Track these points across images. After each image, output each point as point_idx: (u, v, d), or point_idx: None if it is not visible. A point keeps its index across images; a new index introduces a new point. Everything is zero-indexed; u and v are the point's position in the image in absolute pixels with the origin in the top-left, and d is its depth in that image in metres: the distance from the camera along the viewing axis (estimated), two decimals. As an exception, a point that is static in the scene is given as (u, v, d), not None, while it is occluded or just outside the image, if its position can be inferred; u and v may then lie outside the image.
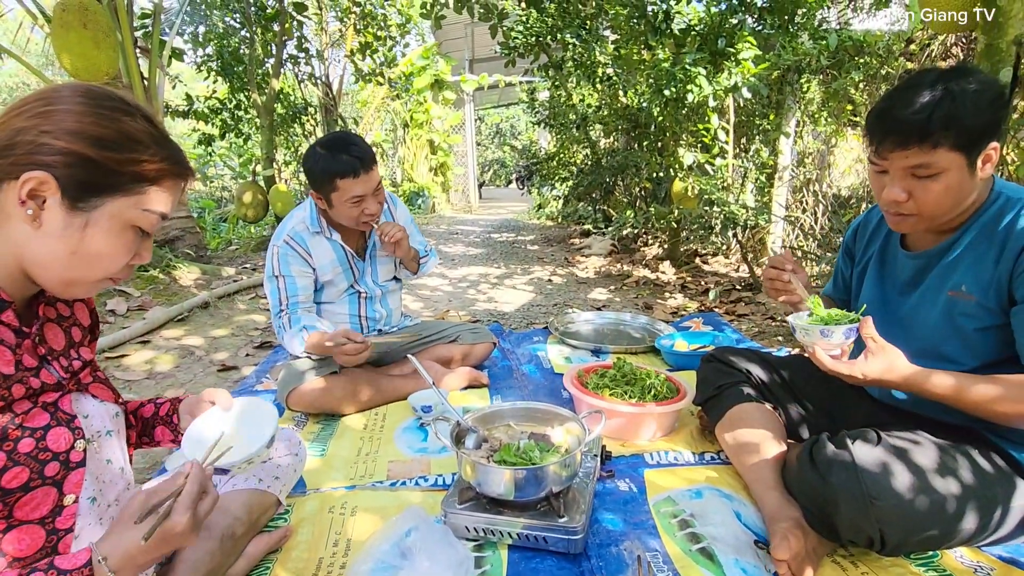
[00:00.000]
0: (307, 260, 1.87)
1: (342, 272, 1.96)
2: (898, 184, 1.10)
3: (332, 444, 1.69)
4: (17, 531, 0.75)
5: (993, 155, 1.07)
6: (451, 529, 1.22)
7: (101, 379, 0.92)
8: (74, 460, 0.80)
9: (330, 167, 1.71)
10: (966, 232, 1.15)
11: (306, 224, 1.88)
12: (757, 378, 1.54)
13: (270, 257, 1.87)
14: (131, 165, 0.75)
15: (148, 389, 2.14)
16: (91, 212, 0.73)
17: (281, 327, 1.85)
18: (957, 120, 1.01)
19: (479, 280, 4.43)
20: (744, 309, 3.35)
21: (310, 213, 1.89)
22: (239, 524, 1.11)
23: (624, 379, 1.78)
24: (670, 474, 1.50)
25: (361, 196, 1.75)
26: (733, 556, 1.16)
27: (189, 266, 3.83)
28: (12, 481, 0.73)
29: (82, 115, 0.73)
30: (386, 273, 2.11)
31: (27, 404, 0.77)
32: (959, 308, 1.14)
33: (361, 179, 1.73)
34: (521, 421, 1.44)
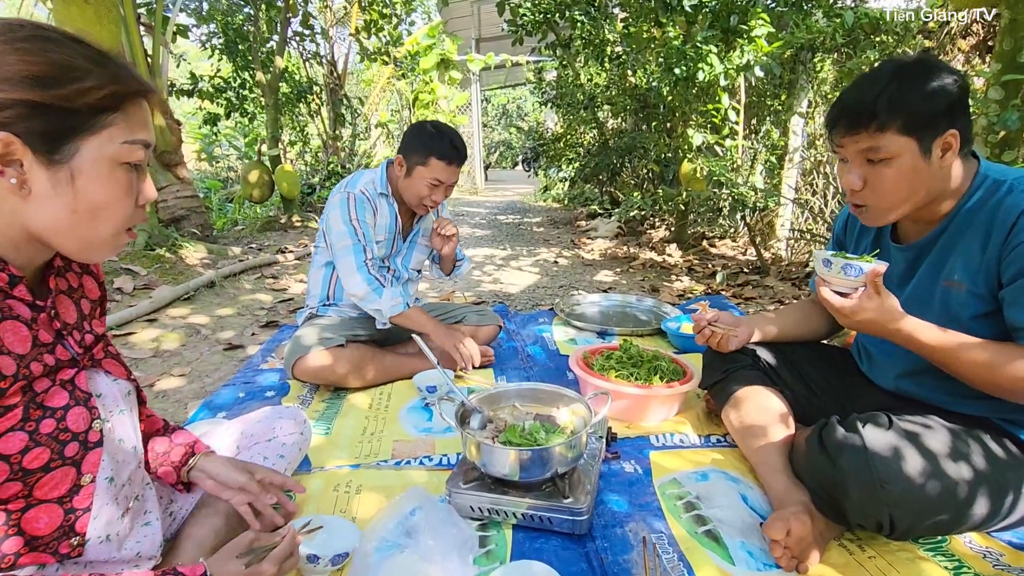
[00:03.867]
0: (374, 212, 1.93)
1: (386, 240, 1.99)
2: (854, 171, 1.13)
3: (337, 423, 1.69)
4: (36, 510, 0.75)
5: (953, 142, 1.07)
6: (455, 509, 1.22)
7: (113, 354, 0.91)
8: (92, 440, 0.79)
9: (433, 144, 1.82)
10: (953, 220, 1.15)
11: (376, 185, 1.95)
12: (764, 361, 1.52)
13: (344, 204, 1.87)
14: (81, 97, 0.68)
15: (154, 367, 2.14)
16: (71, 162, 0.69)
17: (372, 278, 1.84)
18: (904, 104, 1.04)
19: (485, 262, 4.41)
20: (751, 292, 3.32)
21: (380, 176, 1.96)
22: (244, 501, 1.11)
23: (630, 361, 1.77)
24: (676, 456, 1.50)
25: (439, 183, 1.85)
26: (739, 539, 1.15)
27: (195, 245, 3.82)
28: (34, 462, 0.72)
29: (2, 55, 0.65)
30: (417, 262, 2.14)
31: (46, 383, 0.75)
32: (954, 298, 1.14)
33: (450, 168, 1.85)
34: (526, 402, 1.43)
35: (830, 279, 1.13)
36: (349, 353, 1.84)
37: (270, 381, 1.99)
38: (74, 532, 0.79)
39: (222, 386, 1.96)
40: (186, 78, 6.02)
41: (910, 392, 1.27)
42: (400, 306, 1.86)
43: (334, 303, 2.02)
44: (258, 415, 1.29)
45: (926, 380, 1.24)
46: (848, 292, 1.12)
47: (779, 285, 3.46)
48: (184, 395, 1.93)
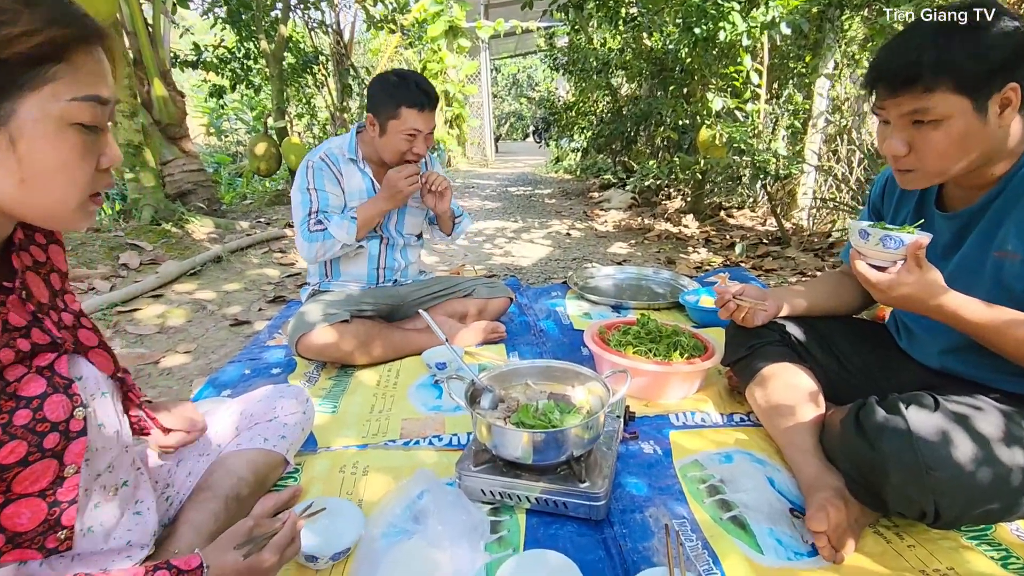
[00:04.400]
0: (338, 181, 1.84)
1: None
2: (897, 135, 1.03)
3: (344, 401, 1.64)
4: (16, 505, 0.69)
5: (1013, 97, 0.95)
6: (465, 492, 1.16)
7: (101, 343, 0.84)
8: (74, 429, 0.73)
9: (399, 94, 1.71)
10: (1008, 184, 1.03)
11: (343, 150, 1.87)
12: (792, 336, 1.43)
13: (302, 172, 1.82)
14: (9, 47, 0.57)
15: (160, 343, 2.10)
16: (7, 126, 0.60)
17: (313, 233, 1.77)
18: (951, 60, 0.93)
19: (495, 234, 4.31)
20: (772, 264, 3.20)
21: (349, 141, 1.88)
22: (244, 485, 1.06)
23: (648, 336, 1.69)
24: (697, 436, 1.42)
25: (416, 132, 1.75)
26: (767, 525, 1.08)
27: (202, 220, 3.77)
28: (9, 456, 0.66)
29: None
30: (412, 226, 2.03)
31: (20, 369, 0.69)
32: (1007, 269, 1.03)
33: (424, 115, 1.74)
34: (540, 380, 1.36)
35: (867, 252, 1.04)
36: (354, 329, 1.78)
37: (276, 358, 1.94)
38: (60, 526, 0.73)
39: (228, 363, 1.91)
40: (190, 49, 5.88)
41: (955, 370, 1.18)
42: (352, 226, 1.79)
43: (333, 278, 1.96)
44: (258, 394, 1.24)
45: (971, 357, 1.14)
46: (886, 265, 1.03)
47: (801, 256, 3.33)
48: (189, 372, 1.89)
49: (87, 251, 2.86)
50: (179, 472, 1.06)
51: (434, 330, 1.30)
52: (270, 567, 0.81)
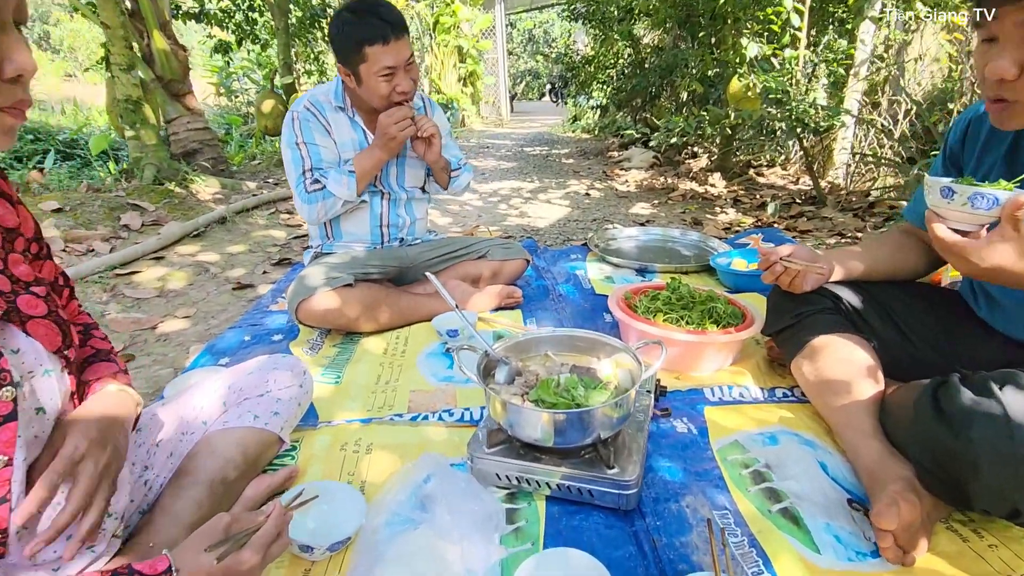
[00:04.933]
0: (327, 131, 1.68)
1: None
2: (1008, 53, 0.83)
3: (348, 370, 1.52)
4: None
5: None
6: (478, 476, 1.04)
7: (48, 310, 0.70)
8: (1, 413, 0.61)
9: (358, 33, 1.52)
10: None
11: (329, 98, 1.70)
12: (847, 304, 1.26)
13: (288, 125, 1.68)
14: None
15: (158, 307, 2.00)
16: None
17: (311, 193, 1.64)
18: None
19: (511, 195, 4.13)
20: (806, 225, 2.99)
21: (335, 88, 1.70)
22: (231, 467, 0.95)
23: (680, 302, 1.53)
24: (736, 413, 1.28)
25: (392, 68, 1.55)
26: (823, 519, 0.95)
27: (207, 180, 3.64)
28: None
29: None
30: (413, 178, 1.86)
31: None
32: None
33: (392, 47, 1.53)
34: (562, 351, 1.22)
35: (949, 213, 0.86)
36: (359, 294, 1.64)
37: (278, 323, 1.83)
38: None
39: (227, 329, 1.80)
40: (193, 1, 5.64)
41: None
42: (351, 180, 1.64)
43: (335, 239, 1.82)
44: (250, 365, 1.12)
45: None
46: (971, 229, 0.86)
47: (838, 216, 3.11)
48: (187, 338, 1.79)
49: (86, 211, 2.75)
50: (159, 453, 0.95)
51: (442, 294, 1.15)
52: (251, 568, 0.70)
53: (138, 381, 1.50)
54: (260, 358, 1.15)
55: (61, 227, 2.51)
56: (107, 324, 1.82)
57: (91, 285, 2.12)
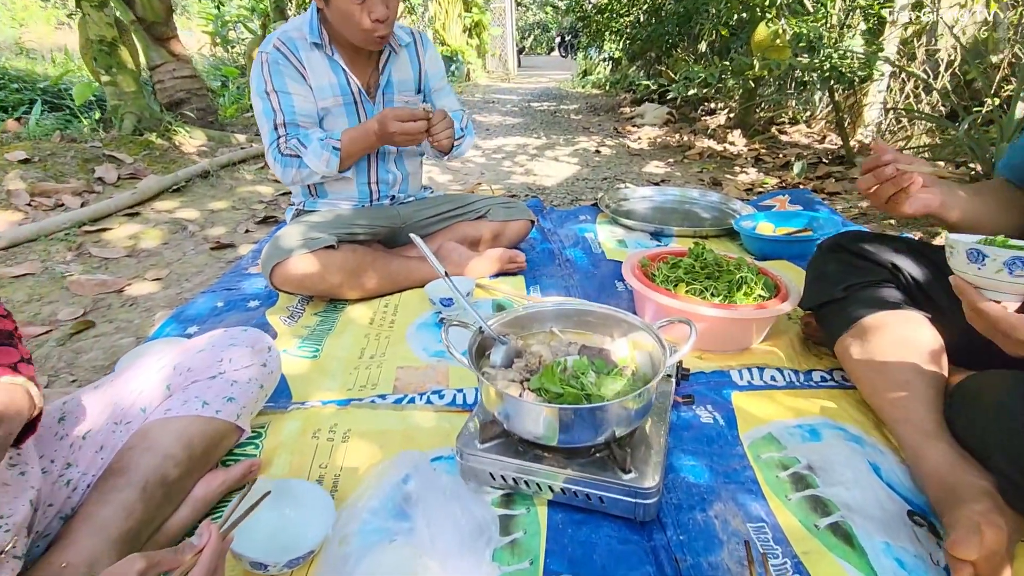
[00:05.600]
0: (302, 74, 1.46)
1: (343, 108, 1.52)
2: None
3: (328, 343, 1.36)
4: None
5: None
6: (469, 476, 0.89)
7: None
8: None
9: None
10: None
11: (303, 32, 1.46)
12: (908, 275, 1.08)
13: (256, 70, 1.46)
14: None
15: (128, 268, 1.83)
16: None
17: (286, 157, 1.45)
18: None
19: (516, 151, 3.88)
20: (835, 186, 2.76)
21: (310, 20, 1.46)
22: (171, 464, 0.80)
23: (704, 271, 1.34)
24: (767, 400, 1.11)
25: None
26: (881, 538, 0.79)
27: (193, 131, 3.41)
28: None
29: None
30: None
31: None
32: None
33: None
34: (569, 327, 1.04)
35: (981, 282, 0.70)
36: (342, 257, 1.46)
37: (256, 288, 1.66)
38: None
39: (200, 293, 1.64)
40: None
41: None
42: (333, 158, 1.44)
43: (319, 197, 1.62)
44: (200, 341, 0.95)
45: None
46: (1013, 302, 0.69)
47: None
48: (156, 303, 1.62)
49: (58, 162, 2.55)
50: (85, 447, 0.79)
51: (428, 258, 0.97)
52: None
53: (94, 352, 1.35)
54: (214, 332, 0.98)
55: (28, 179, 2.32)
56: (67, 287, 1.65)
57: (55, 243, 1.94)
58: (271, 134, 1.46)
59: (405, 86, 1.59)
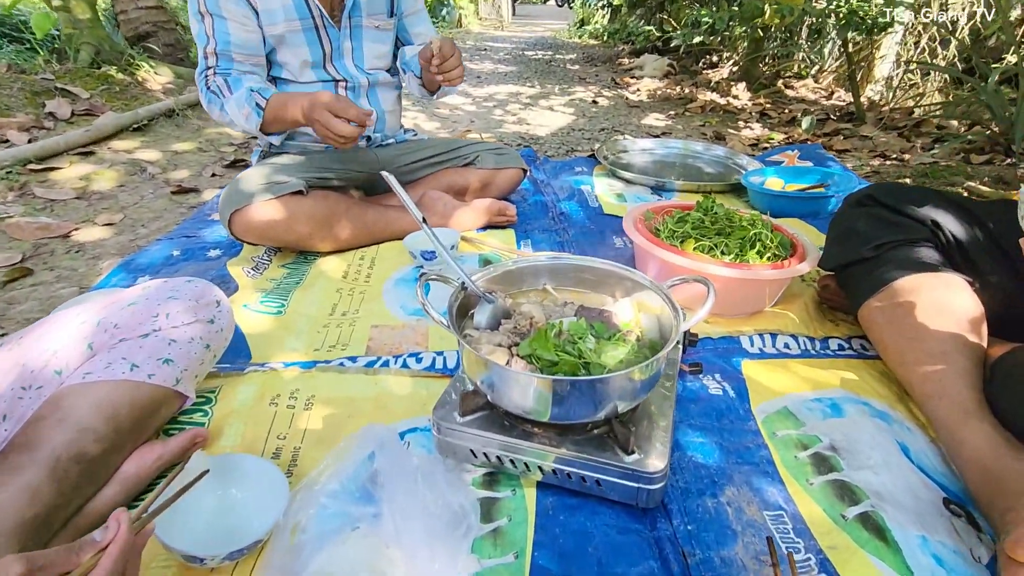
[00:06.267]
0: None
1: (303, 34, 1.32)
2: None
3: (295, 297, 1.22)
4: None
5: None
6: (447, 452, 0.77)
7: None
8: None
9: None
10: None
11: None
12: (949, 235, 0.96)
13: None
14: None
15: (76, 211, 1.66)
16: None
17: (212, 93, 1.27)
18: None
19: (508, 99, 3.66)
20: (843, 144, 2.62)
21: None
22: (90, 439, 0.67)
23: (714, 226, 1.21)
24: (781, 370, 1.00)
25: None
26: (916, 531, 0.69)
27: (159, 67, 3.15)
28: None
29: None
30: (376, 57, 1.46)
31: None
32: None
33: None
34: (564, 285, 0.92)
35: None
36: (312, 204, 1.31)
37: (218, 236, 1.50)
38: None
39: (155, 240, 1.48)
40: None
41: None
42: (254, 115, 1.24)
43: (288, 136, 1.44)
44: (131, 293, 0.81)
45: None
46: None
47: (879, 135, 2.73)
48: (105, 250, 1.46)
49: (4, 95, 2.32)
50: (-15, 416, 0.66)
51: (402, 199, 0.82)
52: None
53: (29, 304, 1.20)
54: (151, 283, 0.84)
55: (-32, 112, 2.10)
56: (4, 230, 1.48)
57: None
58: (201, 62, 1.28)
59: (375, 7, 1.40)
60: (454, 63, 1.29)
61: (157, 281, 0.84)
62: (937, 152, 2.41)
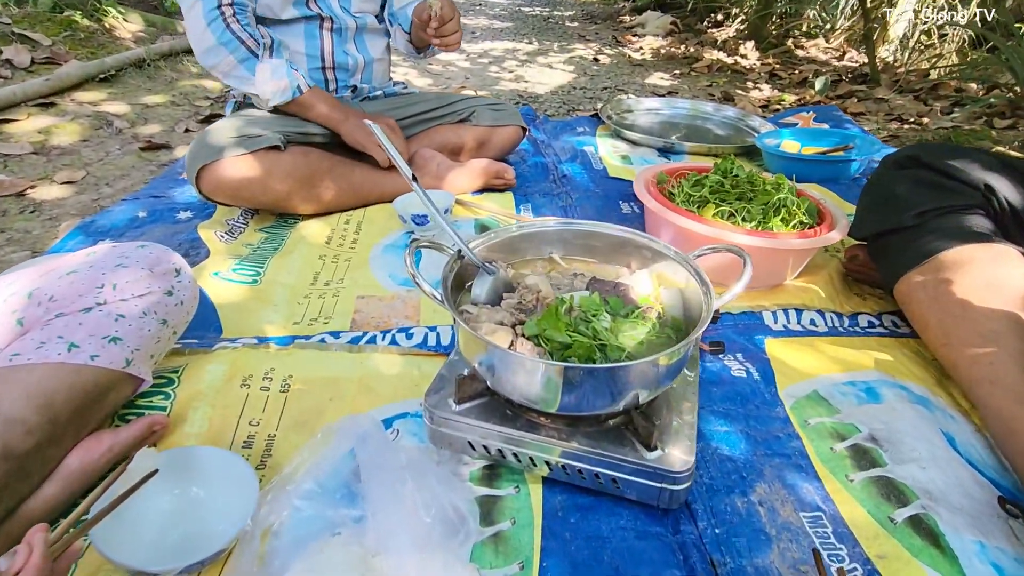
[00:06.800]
0: None
1: None
2: None
3: (273, 264, 1.11)
4: None
5: None
6: (440, 443, 0.68)
7: None
8: None
9: None
10: None
11: None
12: (1003, 200, 0.86)
13: None
14: None
15: (34, 167, 1.52)
16: None
17: (234, 37, 1.12)
18: None
19: (504, 56, 3.47)
20: (857, 107, 2.49)
21: None
22: (22, 430, 0.57)
23: (735, 190, 1.10)
24: (809, 349, 0.91)
25: None
26: (971, 535, 0.61)
27: (128, 13, 2.93)
28: None
29: None
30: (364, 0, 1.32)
31: None
32: None
33: None
34: (574, 253, 0.81)
35: None
36: (291, 161, 1.18)
37: (188, 197, 1.37)
38: None
39: (120, 200, 1.35)
40: None
41: None
42: (288, 91, 1.16)
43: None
44: (73, 259, 0.70)
45: None
46: None
47: (896, 98, 2.60)
48: (65, 210, 1.33)
49: (-45, 40, 2.13)
50: None
51: (391, 155, 0.70)
52: None
53: None
54: (95, 248, 0.72)
55: (-85, 57, 1.92)
56: (-50, 186, 1.35)
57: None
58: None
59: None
60: (453, 27, 1.19)
61: (104, 246, 0.73)
62: (957, 116, 2.29)
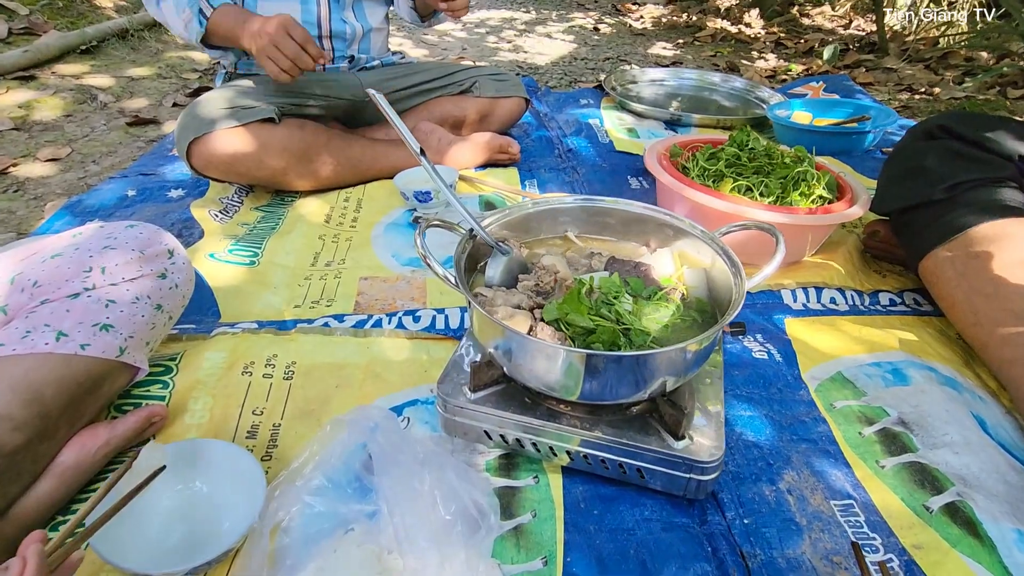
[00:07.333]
0: None
1: None
2: None
3: (271, 245, 1.06)
4: None
5: None
6: (454, 432, 0.65)
7: None
8: None
9: None
10: None
11: None
12: (1037, 173, 0.82)
13: None
14: None
15: (15, 144, 1.45)
16: None
17: None
18: None
19: (502, 26, 3.36)
20: (866, 76, 2.42)
21: None
22: (9, 427, 0.53)
23: (752, 164, 1.06)
24: (830, 329, 0.88)
25: None
26: (1010, 524, 0.59)
27: (110, -17, 2.80)
28: None
29: None
30: None
31: None
32: None
33: None
34: (590, 231, 0.77)
35: None
36: (286, 135, 1.12)
37: (179, 174, 1.32)
38: None
39: (107, 179, 1.29)
40: None
41: None
42: (195, 24, 1.07)
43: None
44: (58, 242, 0.65)
45: None
46: None
47: (905, 68, 2.53)
48: (50, 188, 1.28)
49: (-73, 10, 2.03)
50: None
51: (396, 127, 0.66)
52: None
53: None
54: (82, 229, 0.68)
55: None
56: (-73, 165, 1.29)
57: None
58: None
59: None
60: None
61: (90, 226, 0.68)
62: (969, 86, 2.23)
